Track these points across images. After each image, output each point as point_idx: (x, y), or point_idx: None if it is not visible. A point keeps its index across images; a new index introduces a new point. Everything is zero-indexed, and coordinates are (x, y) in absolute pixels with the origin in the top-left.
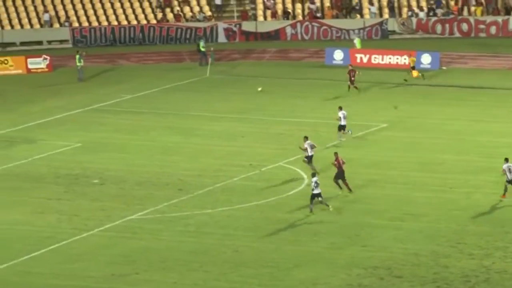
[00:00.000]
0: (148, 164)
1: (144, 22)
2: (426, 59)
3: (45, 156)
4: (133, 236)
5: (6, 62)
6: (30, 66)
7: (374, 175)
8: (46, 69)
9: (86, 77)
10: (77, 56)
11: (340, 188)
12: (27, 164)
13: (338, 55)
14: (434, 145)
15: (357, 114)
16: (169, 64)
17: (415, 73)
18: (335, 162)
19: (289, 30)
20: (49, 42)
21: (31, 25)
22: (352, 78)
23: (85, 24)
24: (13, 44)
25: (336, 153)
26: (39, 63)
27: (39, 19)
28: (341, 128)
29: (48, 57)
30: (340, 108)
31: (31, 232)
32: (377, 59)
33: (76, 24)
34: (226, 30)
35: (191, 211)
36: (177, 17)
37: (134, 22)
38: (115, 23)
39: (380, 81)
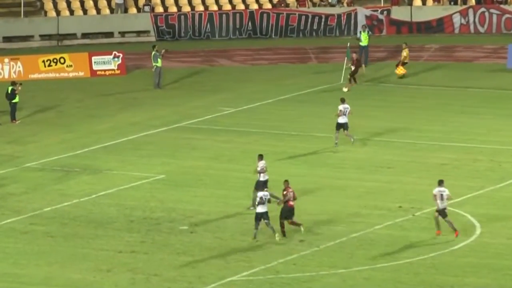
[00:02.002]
0: None
1: (254, 6)
2: None
3: (114, 192)
4: None
5: (62, 60)
6: (95, 67)
7: None
8: (118, 71)
9: (167, 83)
10: (153, 53)
11: (299, 225)
12: (89, 202)
13: None
14: None
15: None
16: (288, 66)
17: (400, 70)
18: (284, 192)
19: (457, 20)
20: (122, 33)
21: (98, 11)
22: (353, 67)
23: (173, 9)
24: (72, 36)
25: (286, 181)
26: (108, 63)
27: (108, 2)
28: (340, 126)
29: (121, 55)
30: (343, 101)
31: None
32: None
33: (160, 9)
34: (369, 18)
35: (317, 271)
36: (300, 0)
37: (241, 7)
38: (214, 7)
39: None
